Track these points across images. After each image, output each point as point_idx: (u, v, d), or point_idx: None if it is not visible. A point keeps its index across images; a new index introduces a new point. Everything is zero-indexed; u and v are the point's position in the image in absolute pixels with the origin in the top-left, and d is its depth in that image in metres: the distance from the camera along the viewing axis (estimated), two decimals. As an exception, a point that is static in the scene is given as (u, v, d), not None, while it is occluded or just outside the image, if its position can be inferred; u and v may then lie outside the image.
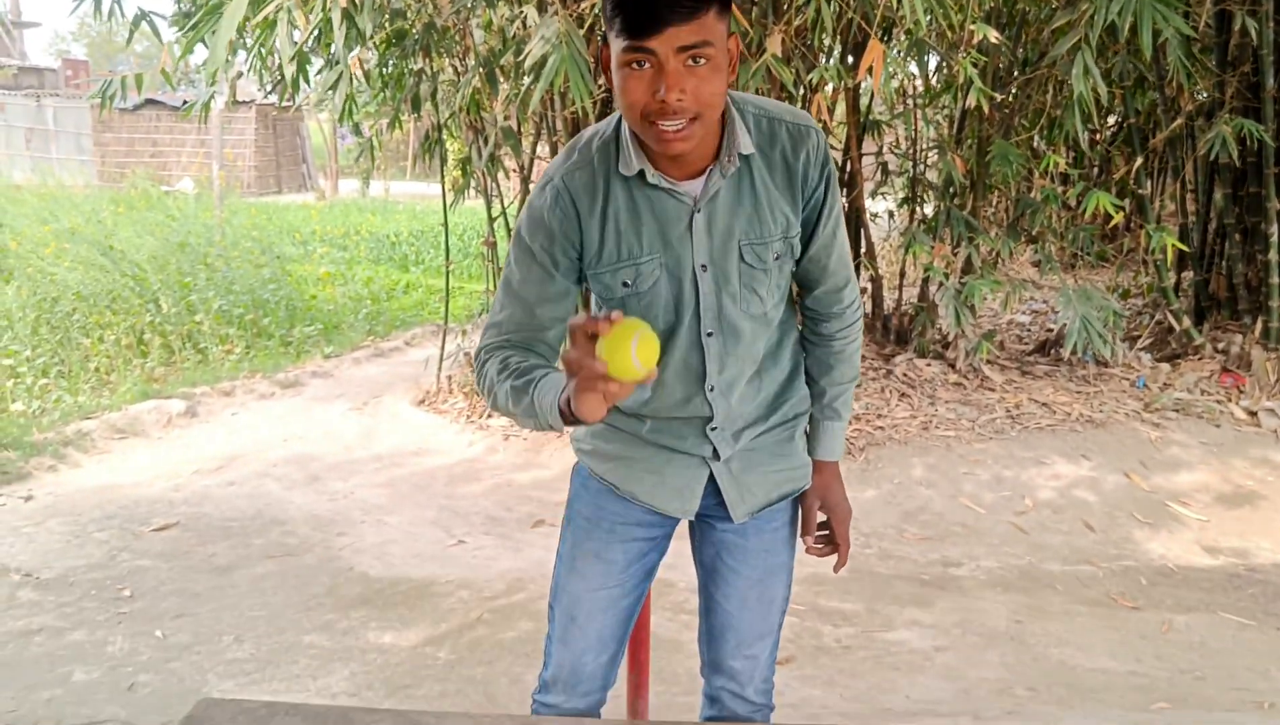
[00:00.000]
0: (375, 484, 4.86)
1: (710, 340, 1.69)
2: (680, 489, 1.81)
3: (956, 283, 5.56)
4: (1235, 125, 5.30)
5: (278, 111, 20.22)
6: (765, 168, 1.64)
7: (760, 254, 1.65)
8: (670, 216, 1.61)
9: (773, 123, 1.65)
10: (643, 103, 1.46)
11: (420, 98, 5.22)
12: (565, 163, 1.64)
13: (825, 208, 1.70)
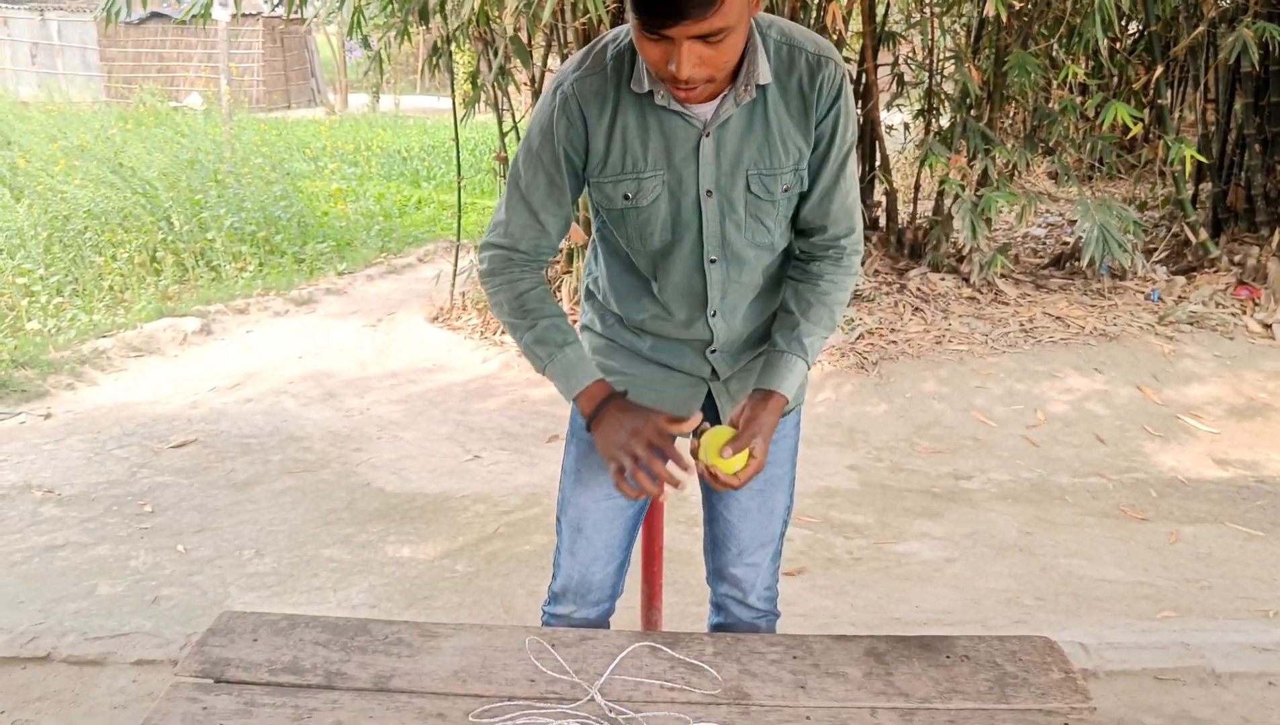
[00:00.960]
0: (391, 400, 4.90)
1: (713, 267, 1.69)
2: (678, 406, 1.82)
3: (972, 195, 5.50)
4: (1258, 29, 5.18)
5: (285, 25, 19.93)
6: (780, 97, 1.60)
7: (769, 185, 1.63)
8: (678, 136, 1.59)
9: (793, 50, 1.60)
10: (659, 67, 1.45)
11: (429, 9, 5.14)
12: (578, 69, 1.61)
13: (832, 142, 1.64)
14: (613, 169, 1.62)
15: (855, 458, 4.26)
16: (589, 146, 1.62)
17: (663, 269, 1.71)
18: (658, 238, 1.67)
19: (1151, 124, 6.39)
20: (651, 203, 1.63)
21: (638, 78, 1.56)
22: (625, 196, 1.63)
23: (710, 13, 1.36)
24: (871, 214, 6.54)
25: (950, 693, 1.54)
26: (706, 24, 1.37)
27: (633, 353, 1.84)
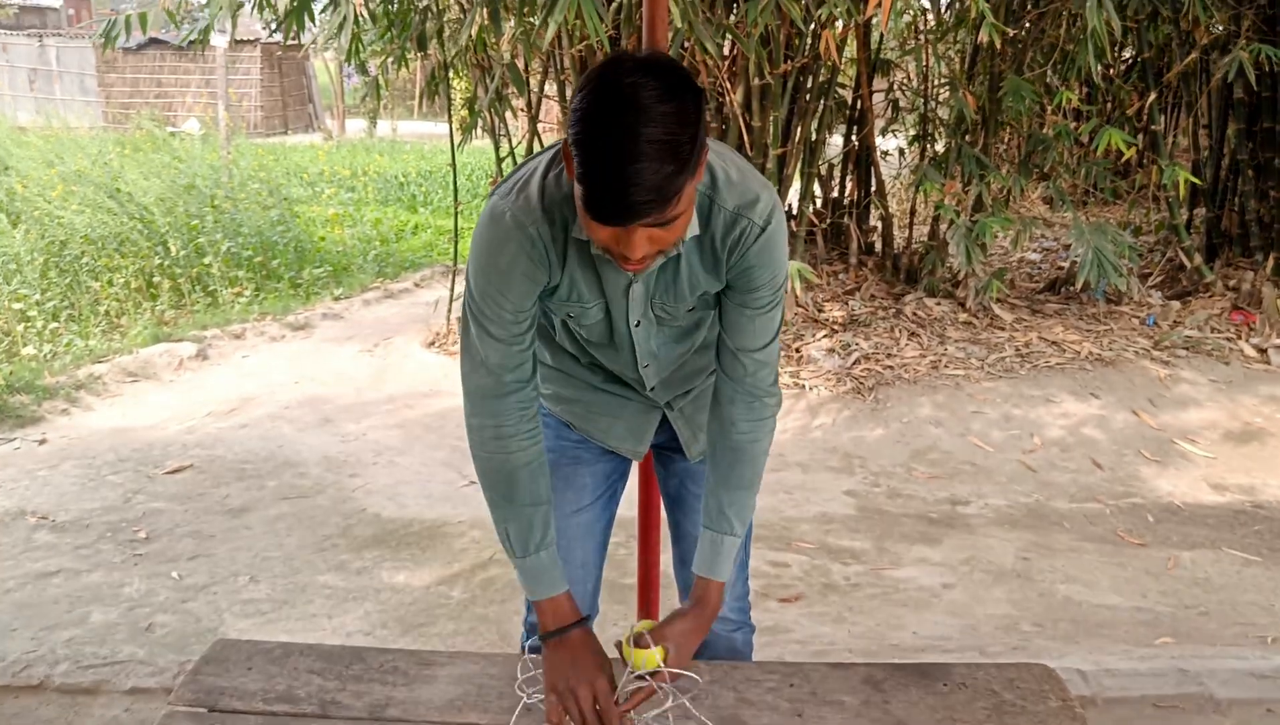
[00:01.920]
0: (387, 426, 4.89)
1: (647, 371, 1.77)
2: (634, 431, 1.87)
3: (967, 221, 5.52)
4: (1253, 50, 5.21)
5: (283, 51, 20.02)
6: (696, 249, 1.58)
7: (671, 311, 1.67)
8: (611, 279, 1.60)
9: (713, 205, 1.55)
10: (606, 246, 1.40)
11: (426, 36, 5.17)
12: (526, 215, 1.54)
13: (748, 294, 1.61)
14: (560, 297, 1.62)
15: (852, 483, 4.25)
16: (550, 278, 1.58)
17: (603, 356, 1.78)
18: (595, 344, 1.75)
19: (1145, 149, 6.42)
20: (591, 324, 1.69)
21: (576, 229, 1.53)
22: (569, 315, 1.68)
23: (668, 211, 1.32)
24: (867, 239, 6.56)
25: (948, 721, 1.53)
26: (661, 220, 1.34)
27: (587, 384, 1.86)
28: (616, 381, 1.84)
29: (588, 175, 1.32)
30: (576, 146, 1.32)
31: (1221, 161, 6.36)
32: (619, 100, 1.29)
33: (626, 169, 1.28)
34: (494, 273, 1.54)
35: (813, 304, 5.77)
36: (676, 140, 1.30)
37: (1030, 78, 5.70)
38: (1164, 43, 6.42)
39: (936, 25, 6.50)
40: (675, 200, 1.32)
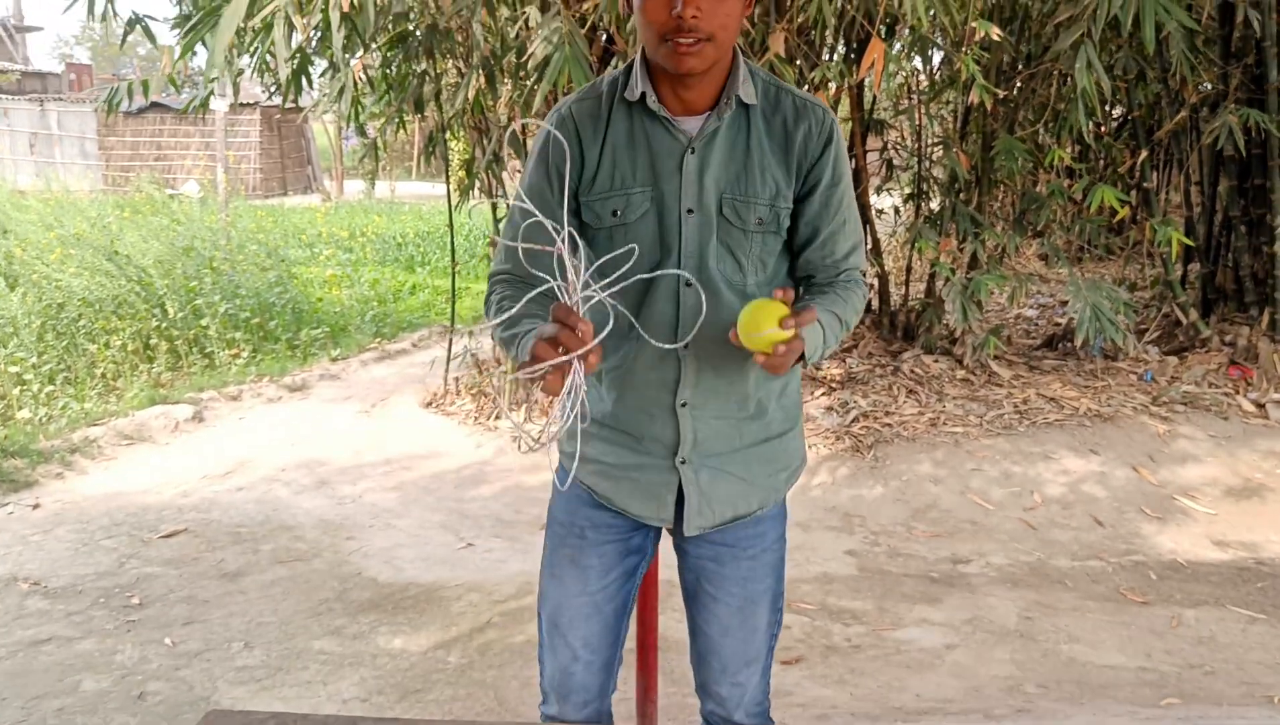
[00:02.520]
0: (384, 487, 4.86)
1: (688, 292, 1.67)
2: (653, 494, 1.77)
3: (963, 278, 5.54)
4: (1242, 115, 5.28)
5: (282, 114, 20.24)
6: (764, 129, 1.66)
7: (740, 212, 1.66)
8: (664, 150, 1.65)
9: (780, 92, 1.69)
10: (660, 21, 1.51)
11: (424, 99, 5.23)
12: (576, 96, 1.71)
13: (834, 186, 1.70)
14: (601, 186, 1.66)
15: (852, 542, 4.22)
16: (584, 162, 1.67)
17: (644, 293, 1.69)
18: (647, 259, 1.66)
19: (1138, 206, 6.47)
20: (639, 219, 1.66)
21: (631, 87, 1.64)
22: (614, 213, 1.66)
23: None
24: (863, 297, 6.58)
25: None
26: None
27: (602, 438, 1.79)
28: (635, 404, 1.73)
29: None
30: None
31: (1214, 218, 6.41)
32: None
33: None
34: (531, 157, 1.71)
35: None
36: None
37: (1022, 137, 5.76)
38: (1154, 101, 6.50)
39: (929, 86, 6.59)
40: None
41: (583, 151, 1.66)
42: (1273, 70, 5.55)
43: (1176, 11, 4.41)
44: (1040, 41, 5.84)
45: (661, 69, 1.62)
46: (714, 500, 1.76)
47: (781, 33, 4.44)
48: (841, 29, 5.38)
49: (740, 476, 1.77)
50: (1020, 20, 5.86)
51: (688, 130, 1.65)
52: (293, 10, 3.98)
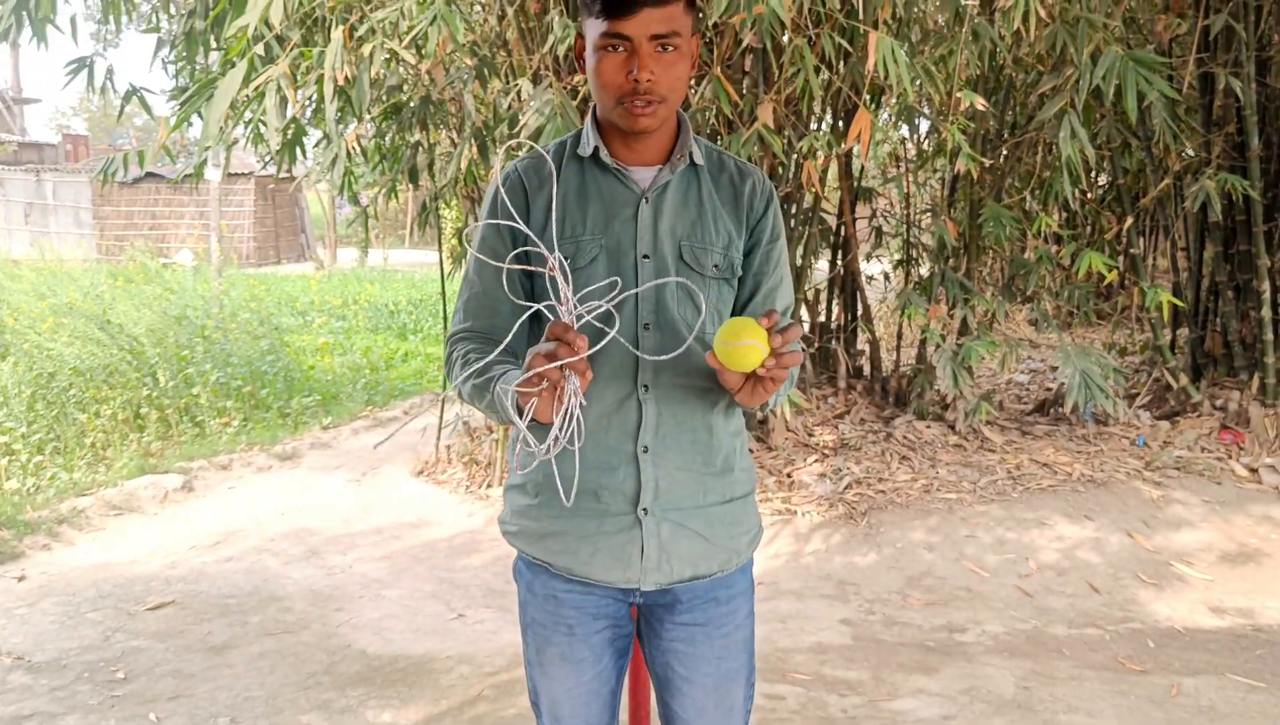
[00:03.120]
0: (374, 557, 4.82)
1: (646, 334, 1.68)
2: (616, 553, 1.72)
3: (953, 344, 5.57)
4: (1220, 180, 5.35)
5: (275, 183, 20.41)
6: (713, 183, 1.76)
7: (700, 257, 1.71)
8: (618, 200, 1.71)
9: (721, 156, 1.80)
10: (616, 82, 1.60)
11: (417, 169, 5.28)
12: (523, 158, 1.78)
13: (773, 242, 1.79)
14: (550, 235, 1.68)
15: (847, 611, 4.18)
16: (530, 216, 1.72)
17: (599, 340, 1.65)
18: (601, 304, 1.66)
19: (1126, 271, 6.52)
20: (589, 263, 1.69)
21: (584, 144, 1.73)
22: (564, 259, 1.65)
23: (665, 4, 1.56)
24: (855, 363, 6.60)
25: None
26: (661, 17, 1.56)
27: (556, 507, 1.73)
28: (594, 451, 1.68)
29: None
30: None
31: (1201, 283, 6.46)
32: None
33: None
34: (486, 205, 1.78)
35: (803, 429, 5.77)
36: None
37: (1009, 204, 5.82)
38: (1138, 168, 6.59)
39: (916, 154, 6.67)
40: (677, 1, 1.58)
41: (528, 202, 1.73)
42: (1254, 138, 5.64)
43: (1157, 82, 4.49)
44: (1025, 110, 5.94)
45: (613, 126, 1.70)
46: (673, 556, 1.72)
47: (770, 103, 4.50)
48: (828, 99, 5.46)
49: (702, 534, 1.74)
50: (1005, 90, 5.97)
51: (640, 180, 1.72)
52: (286, 83, 4.03)
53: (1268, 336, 5.71)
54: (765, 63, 4.94)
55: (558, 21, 4.50)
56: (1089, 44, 4.59)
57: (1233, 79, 5.40)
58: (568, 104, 3.97)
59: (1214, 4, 5.62)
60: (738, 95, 4.65)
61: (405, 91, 5.02)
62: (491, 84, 4.91)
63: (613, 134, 1.72)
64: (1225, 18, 5.40)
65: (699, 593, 1.77)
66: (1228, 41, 5.64)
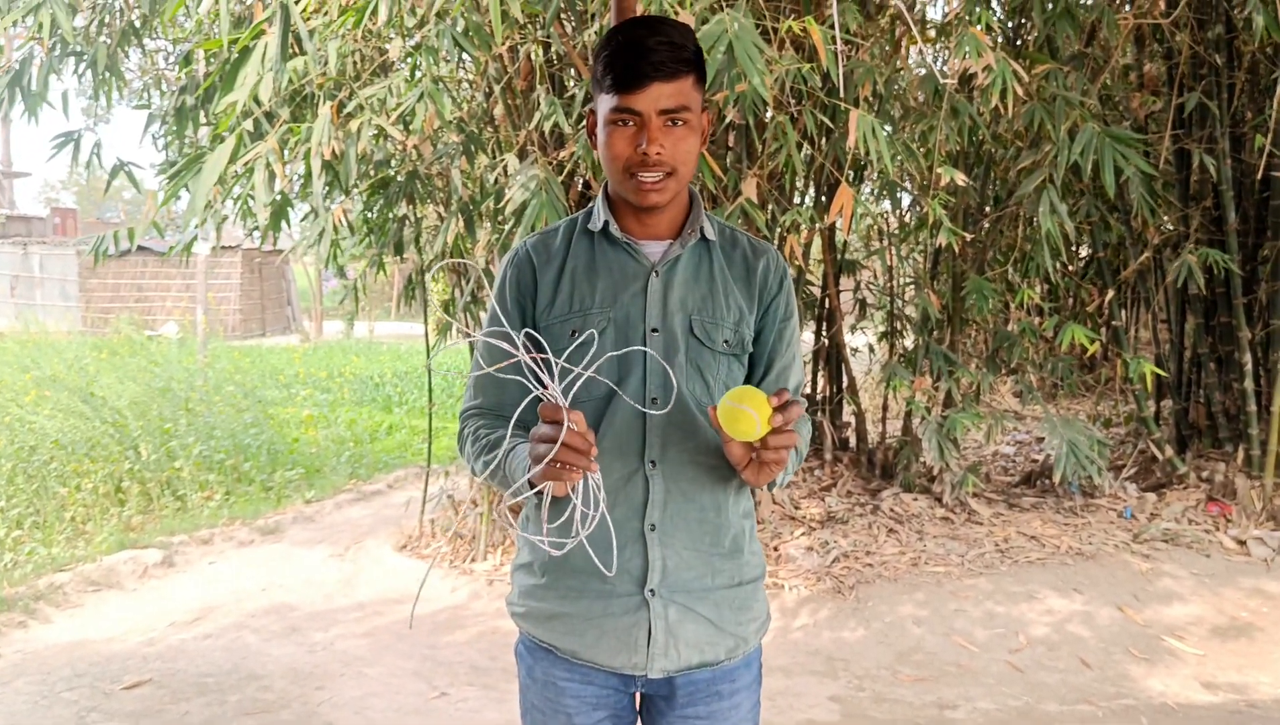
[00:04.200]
0: (356, 634, 4.74)
1: (654, 406, 1.67)
2: (622, 636, 1.69)
3: (939, 416, 5.57)
4: (1201, 255, 5.42)
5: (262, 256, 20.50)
6: (725, 259, 1.76)
7: (710, 332, 1.70)
8: (627, 274, 1.71)
9: (735, 232, 1.81)
10: (626, 155, 1.61)
11: (404, 242, 5.30)
12: (533, 236, 1.80)
13: (787, 320, 1.79)
14: (560, 309, 1.71)
15: (836, 688, 4.12)
16: (537, 291, 1.73)
17: (606, 417, 1.68)
18: (604, 377, 1.66)
19: (1109, 343, 6.57)
20: (598, 336, 1.68)
21: (594, 218, 1.74)
22: (572, 333, 1.68)
23: (675, 78, 1.59)
24: (841, 435, 6.60)
25: None
26: (670, 91, 1.58)
27: (561, 588, 1.72)
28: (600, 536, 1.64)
29: (610, 48, 1.61)
30: (602, 46, 1.63)
31: (1183, 354, 6.51)
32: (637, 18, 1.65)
33: (644, 36, 1.59)
34: (493, 296, 1.77)
35: (789, 501, 5.74)
36: (686, 37, 1.62)
37: (992, 277, 5.87)
38: (1118, 242, 6.67)
39: (899, 228, 6.74)
40: (686, 76, 1.60)
41: (536, 278, 1.74)
42: (1230, 212, 5.72)
43: (1134, 158, 4.57)
44: (1005, 185, 6.02)
45: (624, 201, 1.71)
46: (680, 641, 1.69)
47: (753, 178, 4.56)
48: (811, 174, 5.53)
49: (710, 619, 1.71)
50: (985, 165, 6.05)
51: (651, 255, 1.73)
52: (274, 158, 4.06)
53: (1251, 408, 5.74)
54: (748, 138, 5.01)
55: (544, 98, 4.56)
56: (1066, 121, 4.68)
57: (1207, 156, 5.50)
58: (552, 179, 4.01)
59: (1187, 82, 5.75)
60: (722, 170, 4.71)
61: (393, 166, 5.07)
62: (478, 159, 4.96)
63: (624, 209, 1.73)
64: (1198, 96, 5.52)
65: (700, 685, 1.73)
66: (1202, 118, 5.76)
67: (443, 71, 4.75)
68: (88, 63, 4.79)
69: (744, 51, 3.31)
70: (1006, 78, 4.08)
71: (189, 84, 5.01)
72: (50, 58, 4.50)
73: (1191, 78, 5.78)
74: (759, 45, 3.39)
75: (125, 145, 71.41)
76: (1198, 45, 5.65)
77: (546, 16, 4.16)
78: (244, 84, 3.74)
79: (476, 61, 5.10)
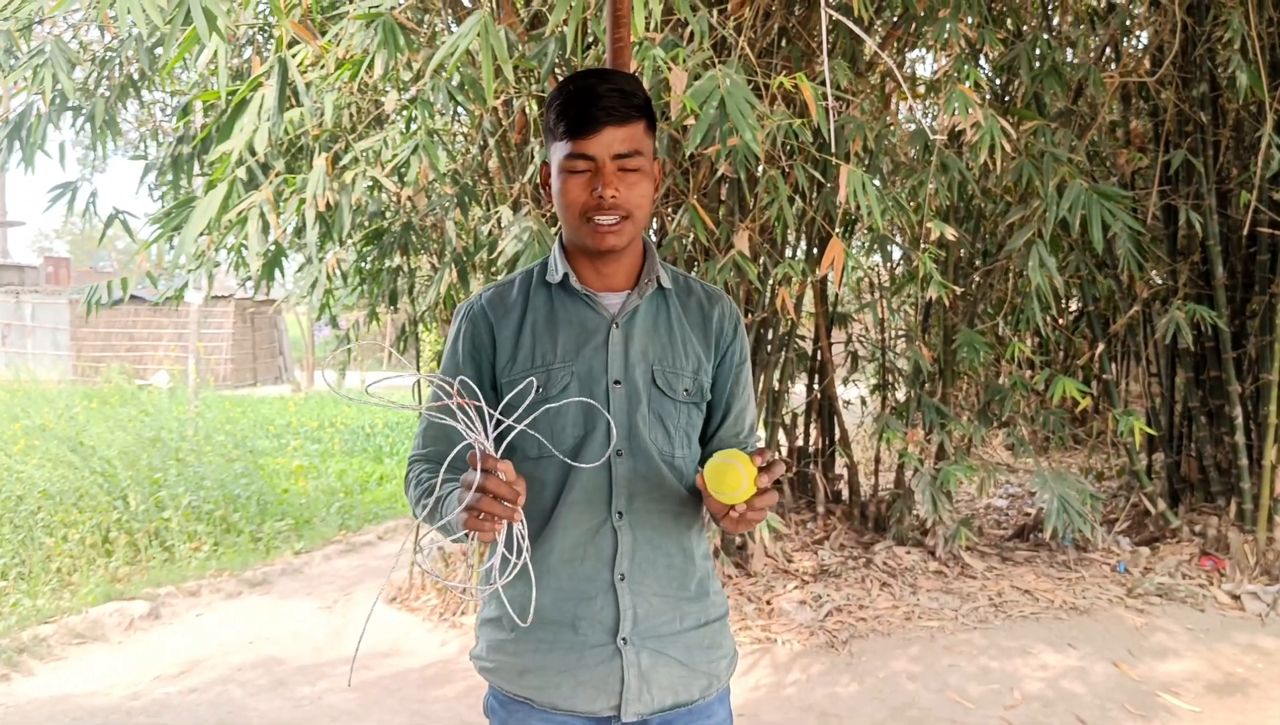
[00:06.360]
0: (344, 688, 4.68)
1: (619, 461, 1.69)
2: (599, 685, 1.70)
3: (931, 469, 5.57)
4: (1189, 311, 5.45)
5: (255, 305, 20.51)
6: (681, 307, 1.78)
7: (671, 382, 1.72)
8: (588, 327, 1.71)
9: (689, 281, 1.83)
10: (582, 201, 1.63)
11: (397, 293, 5.31)
12: (488, 289, 1.81)
13: (741, 365, 1.82)
14: (522, 364, 1.71)
15: (829, 744, 4.08)
16: (496, 347, 1.73)
17: (573, 471, 1.69)
18: (570, 433, 1.69)
19: (1100, 397, 6.58)
20: (561, 392, 1.68)
21: (551, 270, 1.75)
22: (537, 389, 1.68)
23: (626, 123, 1.62)
24: (834, 488, 6.58)
25: None
26: (622, 137, 1.61)
27: (532, 641, 1.72)
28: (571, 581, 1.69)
29: (563, 96, 1.64)
30: (554, 96, 1.66)
31: (1174, 408, 6.52)
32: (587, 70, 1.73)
33: (595, 84, 1.63)
34: (445, 351, 1.79)
35: (782, 554, 5.71)
36: (635, 86, 1.65)
37: (982, 330, 5.90)
38: (1107, 296, 6.71)
39: (890, 281, 6.78)
40: (638, 122, 1.65)
41: (494, 334, 1.74)
42: (1218, 266, 5.76)
43: (1121, 214, 4.61)
44: (995, 239, 6.07)
45: (580, 251, 1.73)
46: (654, 685, 1.71)
47: (745, 231, 4.59)
48: (802, 228, 5.57)
49: (681, 660, 1.74)
50: (975, 220, 6.11)
51: (609, 306, 1.74)
52: (268, 208, 4.08)
53: (1242, 462, 5.74)
54: (740, 192, 5.05)
55: (538, 151, 4.60)
56: (1054, 177, 4.73)
57: (1193, 213, 5.56)
58: (545, 231, 4.03)
59: (1173, 139, 5.82)
60: (714, 223, 4.74)
61: (387, 218, 5.10)
62: (472, 211, 4.99)
63: (580, 259, 1.74)
64: (1184, 153, 5.59)
65: (677, 722, 1.75)
66: (1188, 175, 5.82)
67: (438, 124, 4.79)
68: (86, 116, 4.83)
69: (736, 107, 3.34)
70: (995, 134, 4.13)
71: (185, 134, 5.05)
72: (50, 110, 4.53)
73: (1177, 135, 5.86)
74: (750, 101, 3.43)
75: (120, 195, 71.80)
76: (1183, 103, 5.73)
77: (541, 71, 4.20)
78: (240, 133, 3.78)
79: (471, 115, 5.15)
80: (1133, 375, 9.35)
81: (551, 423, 1.68)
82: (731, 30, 4.39)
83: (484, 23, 3.20)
